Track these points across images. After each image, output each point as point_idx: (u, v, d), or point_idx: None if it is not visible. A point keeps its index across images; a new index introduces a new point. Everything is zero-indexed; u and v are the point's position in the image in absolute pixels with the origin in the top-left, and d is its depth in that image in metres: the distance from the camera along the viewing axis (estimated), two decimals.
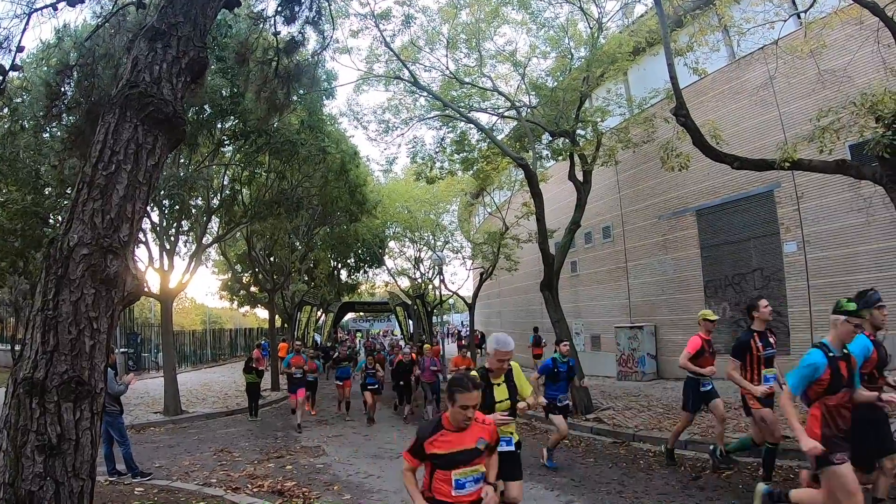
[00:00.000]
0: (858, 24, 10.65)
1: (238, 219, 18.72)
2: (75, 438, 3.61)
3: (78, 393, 3.63)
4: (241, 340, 45.30)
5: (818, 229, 13.76)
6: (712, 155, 10.17)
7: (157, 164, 4.22)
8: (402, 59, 15.46)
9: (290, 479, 8.88)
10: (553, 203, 20.10)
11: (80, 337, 3.70)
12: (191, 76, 4.42)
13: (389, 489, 8.38)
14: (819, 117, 8.93)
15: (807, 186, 13.63)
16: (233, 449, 11.51)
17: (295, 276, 27.19)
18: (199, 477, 9.13)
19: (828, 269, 13.51)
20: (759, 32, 11.59)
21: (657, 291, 18.92)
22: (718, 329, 16.12)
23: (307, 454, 11.06)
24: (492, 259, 24.56)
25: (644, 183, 19.25)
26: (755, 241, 15.53)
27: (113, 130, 3.98)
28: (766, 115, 14.69)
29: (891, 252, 11.82)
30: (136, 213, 4.07)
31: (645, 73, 17.06)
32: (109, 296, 3.89)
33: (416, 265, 34.12)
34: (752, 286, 15.48)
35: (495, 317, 36.81)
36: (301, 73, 8.62)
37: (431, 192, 29.17)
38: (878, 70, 10.23)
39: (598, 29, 15.31)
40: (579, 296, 23.30)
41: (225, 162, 17.89)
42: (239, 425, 14.85)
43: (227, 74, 13.03)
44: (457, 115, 16.49)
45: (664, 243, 18.53)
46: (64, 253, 3.76)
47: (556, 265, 15.33)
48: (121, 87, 4.12)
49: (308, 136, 16.08)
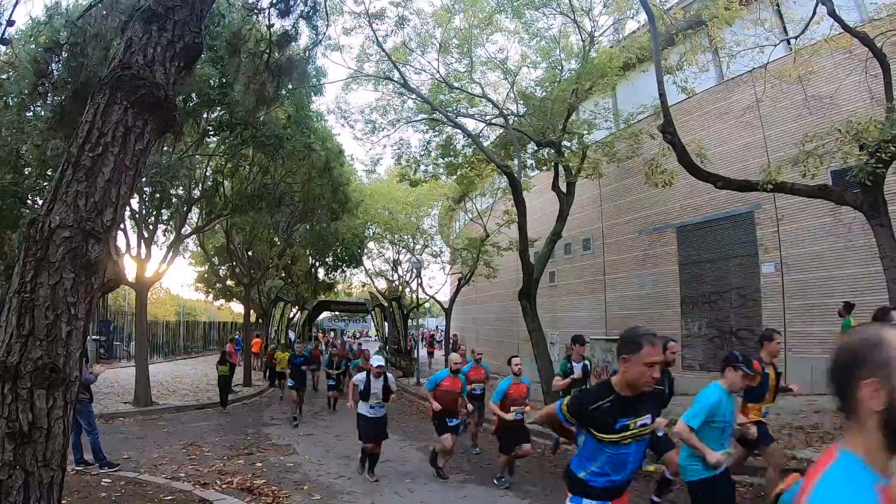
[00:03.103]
0: (847, 53, 10.82)
1: (219, 211, 18.52)
2: (47, 427, 3.50)
3: (52, 380, 3.52)
4: (215, 334, 44.88)
5: (796, 252, 13.91)
6: (697, 173, 10.27)
7: (144, 149, 4.12)
8: (394, 60, 15.44)
9: (259, 477, 8.78)
10: (535, 212, 20.15)
11: (56, 322, 3.60)
12: (185, 61, 4.33)
13: (359, 491, 8.33)
14: (804, 142, 9.07)
15: (787, 209, 13.77)
16: (203, 443, 11.36)
17: (272, 271, 26.98)
18: (168, 470, 8.99)
19: (804, 292, 13.66)
20: (749, 55, 11.76)
21: (634, 305, 19.00)
22: (693, 345, 16.31)
23: (278, 452, 10.95)
24: (471, 265, 24.57)
25: (626, 197, 19.35)
26: (734, 261, 15.67)
27: (102, 111, 3.88)
28: (751, 137, 14.84)
29: (867, 277, 11.96)
30: (121, 198, 3.97)
31: (634, 88, 17.18)
32: (89, 281, 3.79)
33: (394, 267, 34.07)
34: (728, 305, 15.61)
35: (471, 323, 36.79)
36: (292, 68, 8.56)
37: (414, 195, 29.17)
38: (864, 99, 10.35)
39: (589, 42, 15.41)
40: (557, 306, 23.34)
41: (209, 152, 17.69)
42: (209, 419, 14.68)
43: (217, 64, 12.88)
44: (444, 119, 16.51)
45: (644, 258, 18.62)
46: (44, 234, 3.65)
47: (536, 274, 15.37)
48: (113, 67, 4.03)
49: (294, 132, 15.95)
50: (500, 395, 8.74)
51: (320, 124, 19.50)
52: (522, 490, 8.37)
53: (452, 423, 9.14)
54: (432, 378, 9.67)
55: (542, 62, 16.73)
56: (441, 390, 9.26)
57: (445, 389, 9.27)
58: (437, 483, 8.84)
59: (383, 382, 8.99)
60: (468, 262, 24.48)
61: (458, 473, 9.46)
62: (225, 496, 7.50)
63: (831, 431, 9.41)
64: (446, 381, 9.33)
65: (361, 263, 34.88)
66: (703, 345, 16.01)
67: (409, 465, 10.14)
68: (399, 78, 15.75)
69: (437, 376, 9.60)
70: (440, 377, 9.49)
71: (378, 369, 8.99)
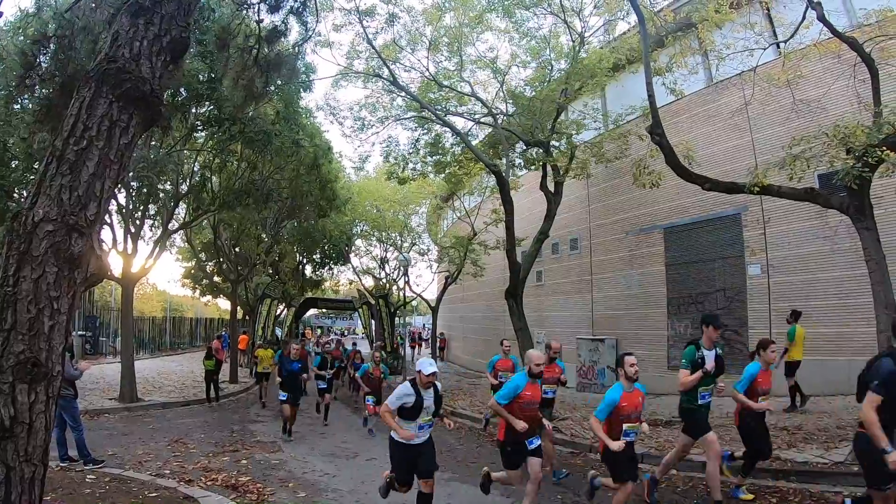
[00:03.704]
0: (836, 57, 10.90)
1: (206, 206, 18.43)
2: (29, 422, 3.48)
3: (34, 375, 3.50)
4: (202, 330, 44.67)
5: (782, 254, 14.01)
6: (684, 175, 10.32)
7: (129, 143, 4.10)
8: (383, 58, 15.43)
9: (244, 474, 8.75)
10: (523, 212, 20.19)
11: (39, 317, 3.58)
12: (171, 56, 4.30)
13: (344, 489, 8.32)
14: (791, 145, 9.13)
15: (774, 212, 13.86)
16: (188, 440, 11.31)
17: (259, 268, 26.88)
18: (153, 467, 8.95)
19: (789, 294, 13.75)
20: (738, 59, 11.82)
21: (621, 305, 19.07)
22: (678, 347, 16.36)
23: (263, 449, 10.92)
24: (458, 263, 24.58)
25: (614, 198, 19.40)
26: (720, 262, 15.75)
27: (87, 105, 3.86)
28: (739, 139, 14.93)
29: (852, 280, 12.06)
30: (105, 192, 3.95)
31: (623, 89, 17.23)
32: (72, 276, 3.77)
33: (381, 265, 34.04)
34: (714, 306, 15.69)
35: (458, 321, 36.80)
36: (281, 64, 8.51)
37: (402, 193, 29.17)
38: (851, 103, 10.43)
39: (579, 43, 15.46)
40: (543, 305, 23.38)
41: (197, 148, 17.60)
42: (195, 416, 14.61)
43: (206, 59, 12.81)
44: (433, 117, 16.51)
45: (630, 258, 18.69)
46: (27, 228, 3.63)
47: (522, 274, 15.40)
48: (99, 60, 4.00)
49: (283, 128, 15.89)
50: (609, 408, 6.25)
51: (309, 121, 19.44)
52: (508, 489, 8.37)
53: (533, 445, 6.83)
54: (507, 388, 6.85)
55: (532, 62, 16.78)
56: (521, 403, 6.72)
57: (527, 402, 6.77)
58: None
59: (435, 394, 6.69)
60: (455, 261, 24.50)
61: (443, 471, 9.44)
62: (209, 493, 7.47)
63: (814, 433, 9.48)
64: (528, 390, 6.75)
65: (349, 261, 34.86)
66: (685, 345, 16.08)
67: None
68: (388, 75, 15.74)
69: (513, 385, 6.84)
70: (518, 386, 6.77)
71: (430, 378, 6.47)
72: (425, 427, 6.61)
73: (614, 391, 6.31)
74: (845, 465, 7.64)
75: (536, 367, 6.83)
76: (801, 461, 8.21)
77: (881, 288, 8.33)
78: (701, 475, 7.86)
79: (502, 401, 6.72)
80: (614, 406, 6.21)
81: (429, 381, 6.51)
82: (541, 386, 7.35)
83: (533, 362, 6.84)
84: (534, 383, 6.86)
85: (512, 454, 6.84)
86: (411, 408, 6.45)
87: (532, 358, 6.90)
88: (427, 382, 6.52)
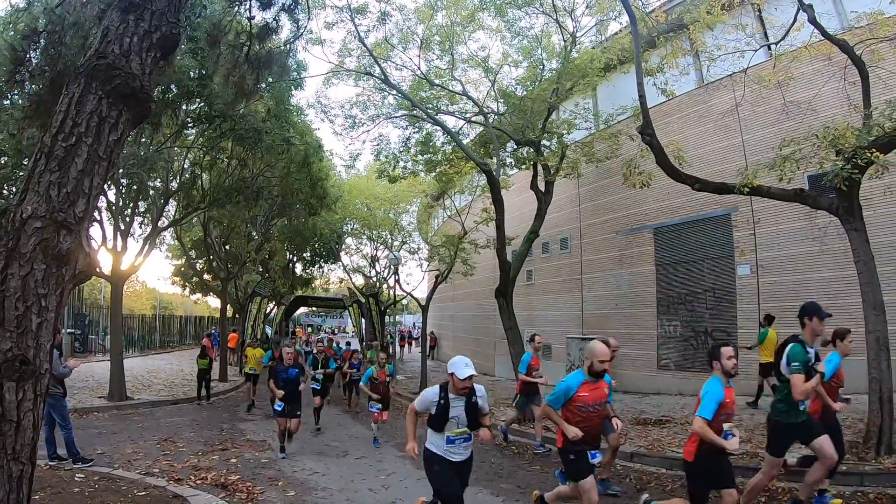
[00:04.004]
0: (827, 59, 10.96)
1: (196, 204, 18.38)
2: (16, 420, 3.46)
3: (22, 372, 3.48)
4: (192, 328, 44.51)
5: (772, 255, 14.09)
6: (674, 175, 10.35)
7: (118, 140, 4.08)
8: (375, 56, 15.40)
9: (234, 473, 8.73)
10: (513, 211, 20.19)
11: (27, 314, 3.55)
12: (161, 52, 4.29)
13: (334, 487, 8.31)
14: (781, 146, 9.16)
15: (764, 212, 13.93)
16: (177, 439, 11.26)
17: (250, 266, 26.81)
18: (142, 466, 8.91)
19: (779, 294, 13.83)
20: (729, 60, 11.87)
21: (610, 305, 19.12)
22: (668, 346, 16.45)
23: (252, 448, 10.89)
24: (448, 262, 24.56)
25: (604, 197, 19.45)
26: (710, 262, 15.82)
27: (76, 101, 3.84)
28: (729, 140, 15.00)
29: (841, 281, 12.16)
30: (94, 189, 3.93)
31: (614, 89, 17.27)
32: (60, 273, 3.75)
33: (371, 263, 33.98)
34: (704, 306, 15.77)
35: (448, 320, 36.83)
36: (272, 61, 8.47)
37: (392, 192, 29.13)
38: (841, 105, 10.49)
39: (571, 43, 15.48)
40: (533, 304, 23.41)
41: (187, 145, 17.53)
42: (184, 414, 14.55)
43: (196, 55, 12.77)
44: (424, 115, 16.49)
45: (620, 258, 18.75)
46: (16, 225, 3.61)
47: (513, 273, 15.40)
48: (88, 56, 3.98)
49: (273, 126, 15.86)
50: (714, 405, 5.24)
51: (300, 118, 19.41)
52: (496, 487, 8.40)
53: (595, 458, 5.70)
54: (558, 389, 5.64)
55: (524, 61, 16.78)
56: (577, 405, 5.58)
57: (584, 404, 5.57)
58: (412, 480, 8.82)
59: (467, 403, 5.35)
60: (446, 260, 24.45)
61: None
62: (199, 492, 7.44)
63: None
64: (584, 391, 5.56)
65: (339, 259, 34.81)
66: (678, 345, 16.16)
67: (384, 461, 10.12)
68: (380, 73, 15.71)
69: (564, 386, 5.63)
70: (570, 387, 5.60)
71: (467, 383, 5.23)
72: (457, 442, 5.35)
73: (714, 387, 5.33)
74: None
75: (601, 364, 5.52)
76: (790, 461, 8.25)
77: (870, 288, 8.38)
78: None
79: (554, 405, 5.67)
80: (720, 403, 5.24)
81: (464, 386, 5.24)
82: (609, 385, 6.01)
83: (597, 358, 5.52)
84: (594, 383, 5.61)
85: (577, 462, 5.66)
86: (436, 416, 5.34)
87: (596, 352, 5.54)
88: (462, 388, 5.25)
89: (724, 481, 5.28)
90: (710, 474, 5.31)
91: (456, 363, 5.31)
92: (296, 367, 11.05)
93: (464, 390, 5.27)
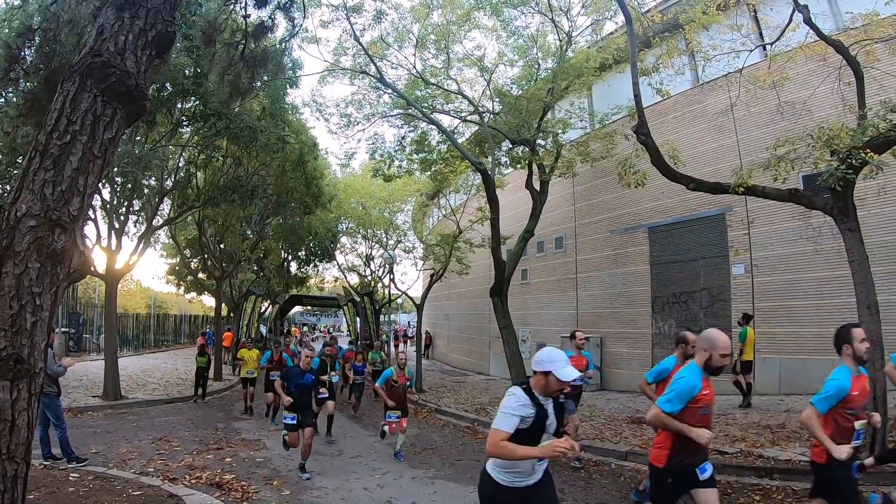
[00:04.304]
0: (822, 60, 10.99)
1: (191, 202, 18.33)
2: (11, 419, 3.44)
3: (16, 371, 3.46)
4: (186, 327, 44.41)
5: (766, 254, 14.15)
6: (669, 175, 10.37)
7: (113, 138, 4.06)
8: (370, 55, 15.37)
9: (228, 472, 8.70)
10: (508, 210, 20.23)
11: (21, 313, 3.53)
12: (156, 50, 4.27)
13: (329, 486, 8.30)
14: (776, 147, 9.18)
15: (758, 212, 13.98)
16: (172, 438, 11.23)
17: (244, 264, 26.76)
18: (137, 465, 8.89)
19: (773, 294, 13.89)
20: (725, 60, 11.90)
21: (605, 304, 19.16)
22: (663, 345, 16.48)
23: (247, 447, 10.87)
24: (443, 261, 24.55)
25: (599, 197, 19.48)
26: (704, 262, 15.87)
27: (71, 99, 3.82)
28: (724, 140, 15.04)
29: (834, 280, 12.22)
30: (89, 188, 3.91)
31: (609, 89, 17.31)
32: (55, 272, 3.73)
33: (366, 262, 33.95)
34: (698, 305, 15.82)
35: (443, 319, 36.85)
36: (267, 59, 8.45)
37: (387, 190, 29.12)
38: (836, 106, 10.51)
39: (567, 42, 15.48)
40: (528, 304, 23.44)
41: (182, 143, 17.48)
42: (179, 414, 14.51)
43: (192, 53, 12.73)
44: (419, 114, 16.48)
45: (615, 257, 18.79)
46: (10, 223, 3.58)
47: (508, 272, 15.42)
48: (83, 54, 3.96)
49: (269, 124, 15.82)
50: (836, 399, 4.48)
51: (295, 117, 19.37)
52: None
53: (706, 473, 4.48)
54: (679, 387, 4.41)
55: (519, 60, 16.78)
56: (699, 407, 4.40)
57: (706, 405, 4.43)
58: (407, 479, 8.84)
59: (556, 403, 4.04)
60: (441, 259, 24.44)
61: (427, 469, 9.47)
62: (194, 491, 7.42)
63: (798, 430, 9.57)
64: (706, 389, 4.41)
65: (334, 258, 34.76)
66: (673, 344, 16.18)
67: (379, 460, 10.12)
68: (375, 72, 15.69)
69: (688, 384, 4.39)
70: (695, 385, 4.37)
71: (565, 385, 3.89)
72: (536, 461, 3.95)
73: (841, 375, 4.48)
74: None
75: (722, 358, 4.38)
76: (784, 459, 8.29)
77: (864, 288, 8.40)
78: None
79: (673, 407, 4.37)
80: (844, 395, 4.41)
81: (561, 388, 3.89)
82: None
83: (719, 350, 4.36)
84: (708, 379, 4.49)
85: (674, 486, 4.49)
86: (528, 429, 3.83)
87: (719, 343, 4.37)
88: (558, 390, 3.91)
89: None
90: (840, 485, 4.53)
91: (553, 359, 3.89)
92: (311, 373, 9.61)
93: (559, 392, 3.96)
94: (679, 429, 4.33)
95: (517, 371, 14.07)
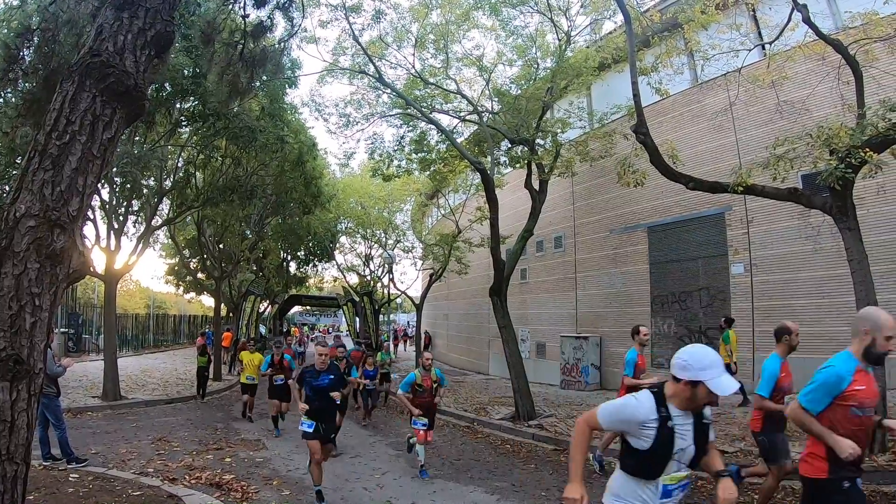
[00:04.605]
0: (821, 59, 10.99)
1: (190, 202, 18.33)
2: (10, 420, 3.44)
3: (16, 372, 3.46)
4: (185, 327, 44.39)
5: (765, 253, 14.15)
6: (668, 174, 10.37)
7: (112, 138, 4.06)
8: (369, 54, 15.35)
9: (228, 472, 8.70)
10: (507, 209, 20.21)
11: (20, 313, 3.53)
12: (155, 50, 4.26)
13: (328, 486, 8.27)
14: (775, 146, 9.18)
15: (757, 211, 13.99)
16: (171, 438, 11.23)
17: (244, 264, 26.78)
18: (136, 466, 8.88)
19: (772, 293, 13.90)
20: (724, 59, 11.90)
21: (604, 303, 19.17)
22: (662, 344, 16.48)
23: (247, 447, 10.87)
24: (443, 261, 24.55)
25: (598, 196, 19.49)
26: (703, 261, 15.87)
27: (70, 99, 3.81)
28: (723, 139, 15.05)
29: (834, 280, 12.22)
30: (88, 188, 3.91)
31: (608, 88, 17.30)
32: (54, 272, 3.72)
33: (366, 262, 34.00)
34: (698, 304, 15.83)
35: (443, 319, 36.83)
36: (266, 59, 8.45)
37: (386, 190, 29.16)
38: (835, 105, 10.52)
39: (566, 41, 15.45)
40: (527, 303, 23.44)
41: (181, 143, 17.48)
42: (178, 414, 14.51)
43: (190, 53, 12.74)
44: (418, 114, 16.46)
45: (614, 257, 18.80)
46: (9, 223, 3.58)
47: (507, 271, 15.40)
48: (82, 54, 3.95)
49: (267, 124, 15.83)
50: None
51: (294, 117, 19.38)
52: (491, 486, 8.41)
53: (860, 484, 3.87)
54: (825, 378, 3.75)
55: (518, 60, 16.76)
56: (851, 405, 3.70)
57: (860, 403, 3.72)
58: (407, 479, 8.84)
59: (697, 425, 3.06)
60: (440, 258, 24.46)
61: (427, 469, 9.46)
62: (193, 491, 7.41)
63: (795, 429, 9.53)
64: (861, 383, 3.72)
65: (333, 258, 34.80)
66: (672, 343, 16.19)
67: (378, 460, 10.12)
68: (374, 72, 15.66)
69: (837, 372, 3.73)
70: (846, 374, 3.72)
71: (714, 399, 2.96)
72: (675, 494, 3.07)
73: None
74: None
75: (887, 342, 3.67)
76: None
77: (863, 287, 8.41)
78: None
79: (814, 405, 3.75)
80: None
81: (710, 401, 3.00)
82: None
83: (884, 332, 3.67)
84: (866, 371, 3.78)
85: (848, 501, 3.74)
86: (652, 451, 2.98)
87: (883, 325, 3.68)
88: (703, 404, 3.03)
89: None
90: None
91: (704, 364, 2.92)
92: (329, 373, 8.06)
93: (701, 407, 3.07)
94: (819, 433, 3.69)
95: (517, 371, 14.06)
